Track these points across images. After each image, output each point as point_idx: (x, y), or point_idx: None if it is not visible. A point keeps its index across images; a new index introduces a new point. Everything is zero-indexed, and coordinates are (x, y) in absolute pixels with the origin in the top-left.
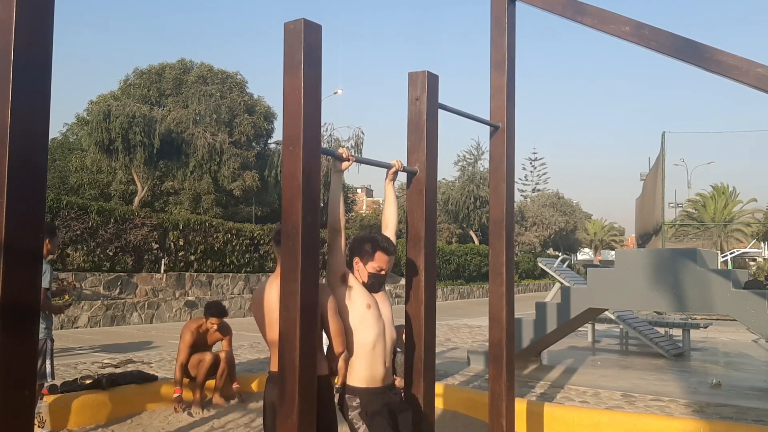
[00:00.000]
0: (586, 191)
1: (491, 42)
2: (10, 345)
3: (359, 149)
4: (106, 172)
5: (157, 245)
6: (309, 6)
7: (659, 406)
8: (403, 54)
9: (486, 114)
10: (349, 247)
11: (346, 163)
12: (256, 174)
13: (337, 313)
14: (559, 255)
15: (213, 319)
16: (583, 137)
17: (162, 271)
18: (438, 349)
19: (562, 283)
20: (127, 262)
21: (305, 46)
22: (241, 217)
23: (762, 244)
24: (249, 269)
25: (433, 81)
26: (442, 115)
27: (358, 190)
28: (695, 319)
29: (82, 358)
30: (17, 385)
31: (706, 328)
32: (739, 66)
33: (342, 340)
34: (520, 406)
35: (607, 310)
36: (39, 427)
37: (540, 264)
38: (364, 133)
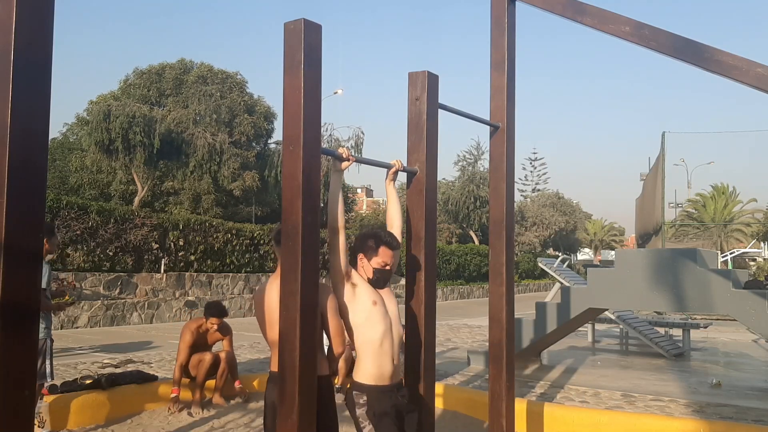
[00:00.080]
0: (586, 191)
1: (491, 42)
2: (10, 345)
3: (359, 149)
4: (106, 172)
5: (157, 245)
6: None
7: (659, 406)
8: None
9: (486, 114)
10: (352, 244)
11: (345, 163)
12: (256, 174)
13: (338, 313)
14: (559, 255)
15: (213, 319)
16: (583, 137)
17: (162, 271)
18: (438, 349)
19: (562, 283)
20: (127, 262)
21: (305, 46)
22: (241, 217)
23: (762, 244)
24: (249, 269)
25: (433, 81)
26: (442, 115)
27: (358, 190)
28: (695, 319)
29: (82, 358)
30: (17, 385)
31: (706, 328)
32: (739, 66)
33: (342, 341)
34: (520, 406)
35: (607, 310)
36: (39, 427)
37: (540, 264)
38: (364, 133)
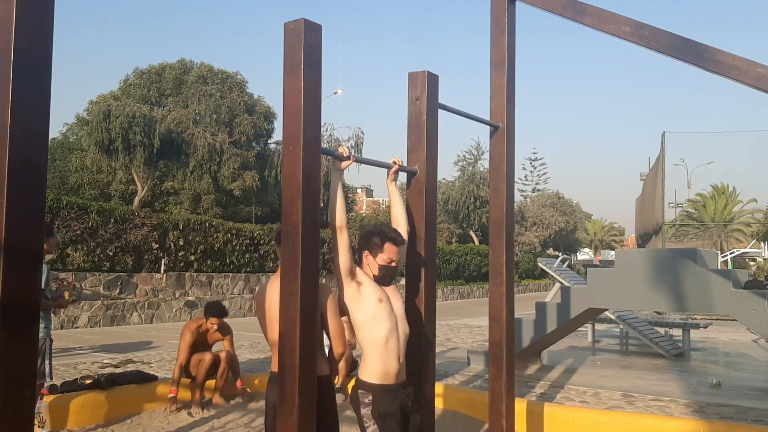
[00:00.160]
0: (586, 191)
1: (491, 42)
2: (10, 345)
3: (359, 149)
4: (106, 172)
5: (157, 245)
6: (309, 6)
7: (659, 406)
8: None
9: (486, 114)
10: (357, 242)
11: (345, 162)
12: (256, 174)
13: (338, 314)
14: (559, 255)
15: (213, 319)
16: (583, 137)
17: (162, 271)
18: (438, 349)
19: (562, 283)
20: (127, 262)
21: (305, 46)
22: (241, 217)
23: (762, 244)
24: (249, 269)
25: (433, 81)
26: (442, 115)
27: (358, 190)
28: (695, 319)
29: (82, 358)
30: (17, 385)
31: (706, 328)
32: (739, 66)
33: (342, 341)
34: (520, 406)
35: (607, 310)
36: (39, 427)
37: (540, 264)
38: (364, 133)
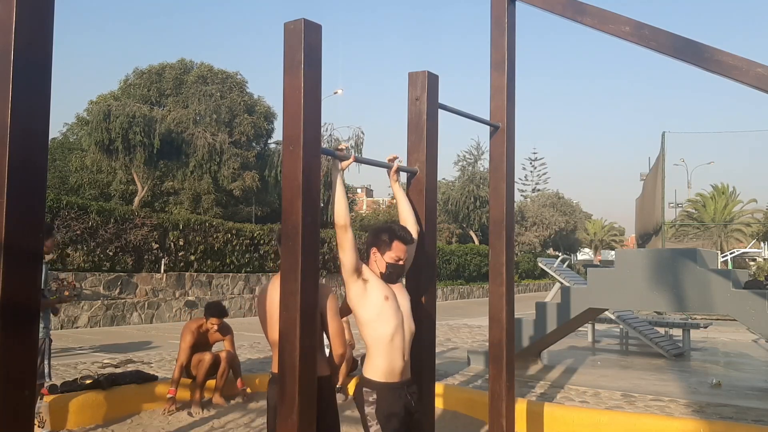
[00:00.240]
0: (586, 191)
1: (491, 42)
2: (10, 345)
3: (359, 149)
4: (106, 172)
5: (157, 245)
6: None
7: (659, 406)
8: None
9: (486, 114)
10: (366, 239)
11: (346, 162)
12: (256, 174)
13: (338, 314)
14: (559, 255)
15: (213, 319)
16: (583, 137)
17: (162, 271)
18: (438, 349)
19: (562, 283)
20: (127, 262)
21: (305, 46)
22: (241, 217)
23: (762, 244)
24: (249, 269)
25: (433, 81)
26: (442, 115)
27: (358, 190)
28: (695, 319)
29: (82, 358)
30: (17, 385)
31: (706, 328)
32: (739, 66)
33: (342, 341)
34: (520, 406)
35: (607, 310)
36: (39, 427)
37: (540, 264)
38: (364, 133)
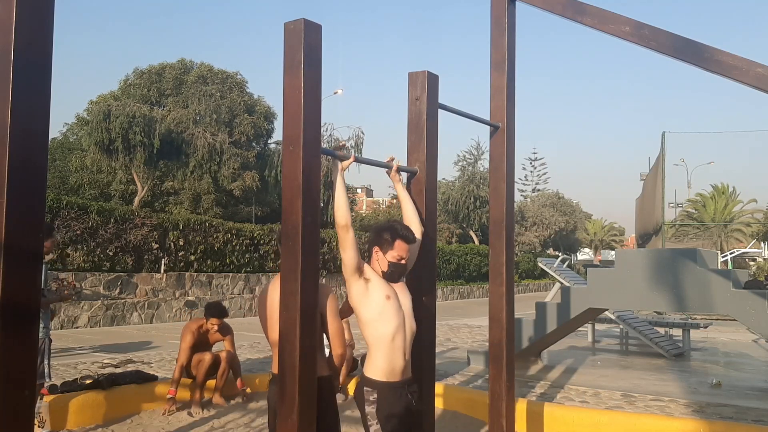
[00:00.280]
0: (586, 191)
1: (491, 42)
2: (10, 345)
3: (359, 149)
4: (106, 172)
5: (157, 245)
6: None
7: (659, 406)
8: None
9: (486, 114)
10: (368, 237)
11: (346, 162)
12: (256, 174)
13: (338, 315)
14: (559, 255)
15: (213, 319)
16: (583, 137)
17: (162, 271)
18: (438, 349)
19: (562, 283)
20: (127, 262)
21: (305, 46)
22: (241, 217)
23: (762, 244)
24: (249, 269)
25: (433, 81)
26: (442, 115)
27: (358, 190)
28: (695, 319)
29: (82, 358)
30: (17, 385)
31: (706, 328)
32: (739, 66)
33: (342, 341)
34: (520, 406)
35: (607, 310)
36: (39, 427)
37: (540, 264)
38: (364, 133)
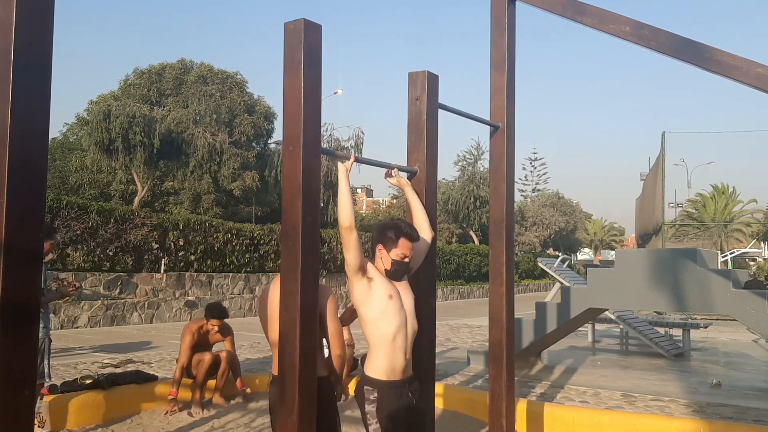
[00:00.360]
0: (586, 191)
1: (491, 42)
2: (10, 345)
3: (359, 149)
4: (106, 172)
5: (157, 245)
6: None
7: (659, 406)
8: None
9: (486, 114)
10: (371, 234)
11: (348, 162)
12: (256, 174)
13: (337, 316)
14: (559, 255)
15: (214, 321)
16: (583, 137)
17: (162, 271)
18: (438, 349)
19: (562, 283)
20: (127, 262)
21: (305, 46)
22: (241, 217)
23: (762, 244)
24: (249, 269)
25: (433, 81)
26: (442, 115)
27: (358, 190)
28: (695, 319)
29: (82, 358)
30: (17, 385)
31: (706, 328)
32: (739, 66)
33: (341, 342)
34: (520, 406)
35: (607, 310)
36: (39, 426)
37: (540, 264)
38: (364, 133)
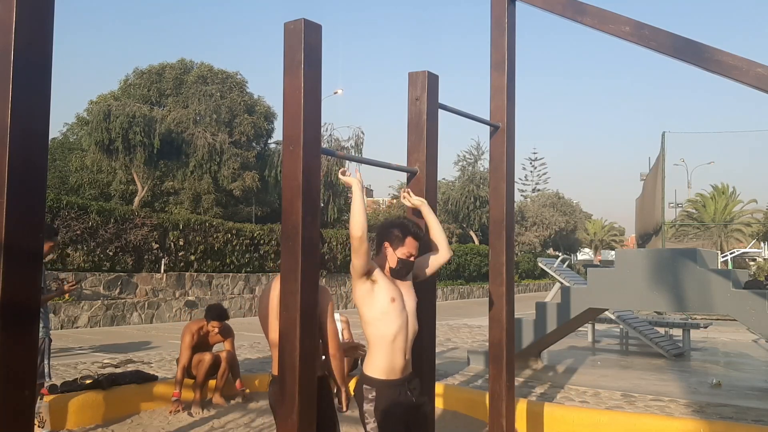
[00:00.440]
0: (586, 191)
1: (491, 42)
2: (10, 345)
3: (359, 149)
4: (106, 172)
5: (157, 245)
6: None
7: (659, 406)
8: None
9: (486, 114)
10: (377, 232)
11: (359, 175)
12: (256, 174)
13: (333, 317)
14: (559, 255)
15: (214, 322)
16: (583, 137)
17: (162, 271)
18: (438, 349)
19: (562, 283)
20: (127, 262)
21: (305, 46)
22: (241, 217)
23: (762, 244)
24: (249, 269)
25: (433, 81)
26: (442, 115)
27: None
28: (695, 319)
29: (82, 358)
30: (17, 385)
31: (706, 328)
32: (739, 66)
33: (337, 343)
34: (520, 406)
35: (607, 310)
36: (39, 426)
37: (540, 264)
38: (364, 133)
